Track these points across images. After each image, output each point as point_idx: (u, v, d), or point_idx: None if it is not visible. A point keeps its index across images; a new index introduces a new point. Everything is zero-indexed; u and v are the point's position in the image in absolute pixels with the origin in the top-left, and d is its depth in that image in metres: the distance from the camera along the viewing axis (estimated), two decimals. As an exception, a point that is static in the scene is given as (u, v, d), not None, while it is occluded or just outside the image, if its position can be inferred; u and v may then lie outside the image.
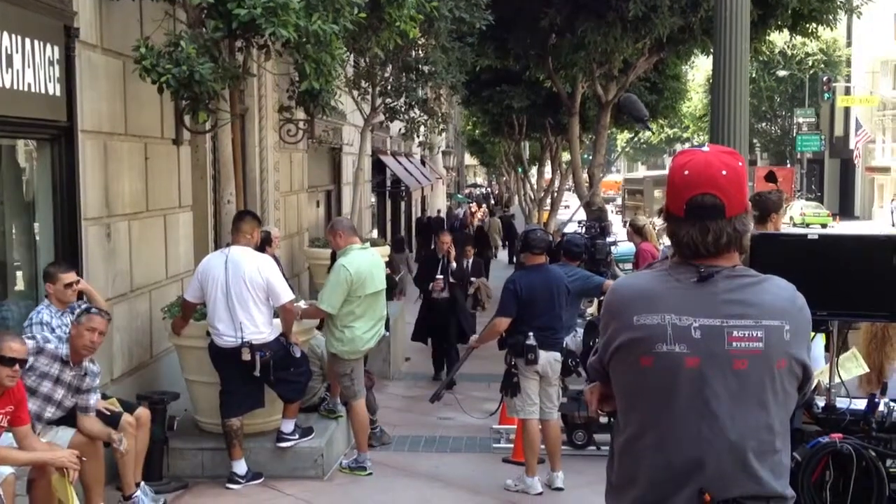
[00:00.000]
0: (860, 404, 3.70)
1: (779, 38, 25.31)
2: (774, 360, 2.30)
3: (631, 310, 2.36)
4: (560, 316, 6.82)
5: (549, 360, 6.75)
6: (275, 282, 6.41)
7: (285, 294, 6.43)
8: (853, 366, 4.02)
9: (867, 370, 4.19)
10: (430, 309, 11.20)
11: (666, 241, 9.23)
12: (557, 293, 6.79)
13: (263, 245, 7.36)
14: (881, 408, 3.65)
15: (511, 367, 6.74)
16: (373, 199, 19.67)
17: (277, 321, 6.50)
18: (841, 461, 3.48)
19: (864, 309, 3.68)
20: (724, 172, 2.33)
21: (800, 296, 2.38)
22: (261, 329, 6.37)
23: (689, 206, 2.32)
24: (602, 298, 8.63)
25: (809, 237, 3.67)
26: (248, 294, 6.31)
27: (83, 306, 5.54)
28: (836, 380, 3.74)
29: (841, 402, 3.71)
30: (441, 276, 10.95)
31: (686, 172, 2.35)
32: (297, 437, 6.77)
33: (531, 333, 6.62)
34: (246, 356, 6.30)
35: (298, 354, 6.62)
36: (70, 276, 5.64)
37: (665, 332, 2.30)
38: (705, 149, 2.42)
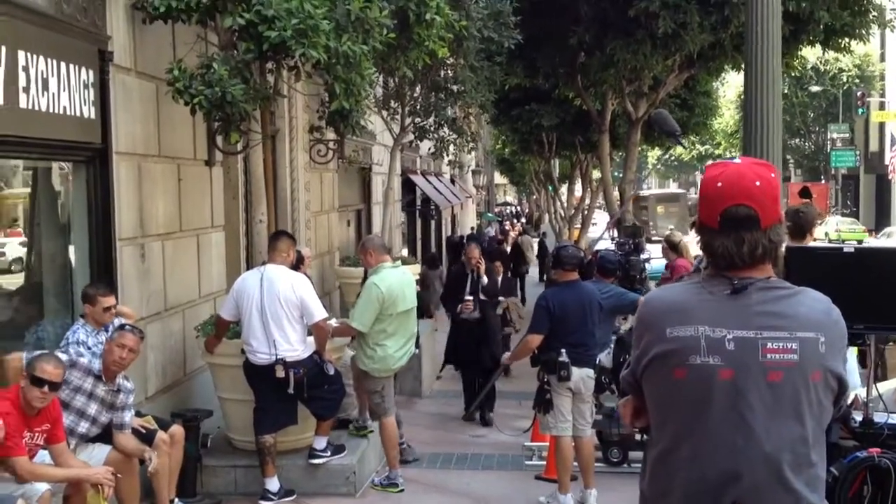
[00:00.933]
0: (898, 418, 3.65)
1: (811, 54, 25.16)
2: (809, 372, 2.28)
3: (664, 322, 2.35)
4: (592, 332, 6.78)
5: (582, 376, 6.71)
6: (308, 300, 6.46)
7: (318, 312, 6.47)
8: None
9: None
10: (459, 331, 10.12)
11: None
12: (590, 309, 6.76)
13: (297, 265, 7.41)
14: (920, 422, 3.60)
15: (544, 383, 6.72)
16: (403, 218, 19.72)
17: (311, 339, 6.53)
18: (879, 476, 3.44)
19: (901, 322, 3.63)
20: (757, 183, 2.32)
21: (835, 308, 2.36)
22: (294, 346, 6.40)
23: (723, 217, 2.31)
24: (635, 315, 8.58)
25: (845, 250, 3.64)
26: (282, 311, 6.36)
27: (118, 323, 5.60)
28: (874, 394, 3.69)
29: (879, 417, 3.67)
30: (470, 297, 9.79)
31: (719, 184, 2.34)
32: (328, 454, 6.78)
33: (563, 350, 6.59)
34: (280, 373, 6.34)
35: (332, 372, 6.65)
36: (109, 300, 5.71)
37: (699, 344, 2.29)
38: (737, 160, 2.42)
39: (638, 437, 7.32)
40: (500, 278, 11.51)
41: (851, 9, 14.06)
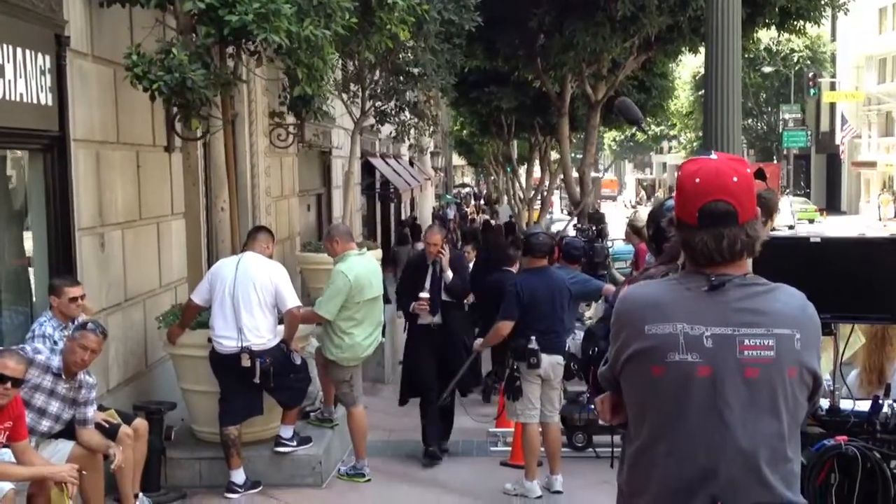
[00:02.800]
0: (864, 406, 3.70)
1: (764, 35, 25.38)
2: (785, 368, 2.30)
3: (642, 319, 2.36)
4: (562, 319, 6.82)
5: (552, 363, 6.74)
6: (283, 287, 6.48)
7: (292, 300, 6.49)
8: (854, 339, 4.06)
9: (863, 340, 4.23)
10: (417, 340, 7.82)
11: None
12: (559, 296, 6.80)
13: None
14: (885, 409, 3.66)
15: (513, 370, 6.73)
16: (362, 202, 19.61)
17: (279, 328, 6.49)
18: (846, 464, 3.49)
19: (865, 311, 3.68)
20: (735, 179, 2.34)
21: (810, 304, 2.39)
22: (262, 334, 6.36)
23: (702, 213, 2.32)
24: (599, 301, 8.63)
25: (812, 241, 3.68)
26: (254, 296, 6.33)
27: (82, 320, 5.48)
28: (840, 383, 3.75)
29: (845, 405, 3.72)
30: (426, 295, 7.53)
31: (697, 180, 2.35)
32: (295, 443, 6.74)
33: (533, 337, 6.61)
34: (245, 362, 6.29)
35: (298, 361, 6.61)
36: (76, 291, 5.61)
37: (677, 341, 2.31)
38: (713, 156, 2.43)
39: (602, 422, 7.37)
40: (471, 265, 9.98)
41: (806, -9, 14.22)
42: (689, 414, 2.31)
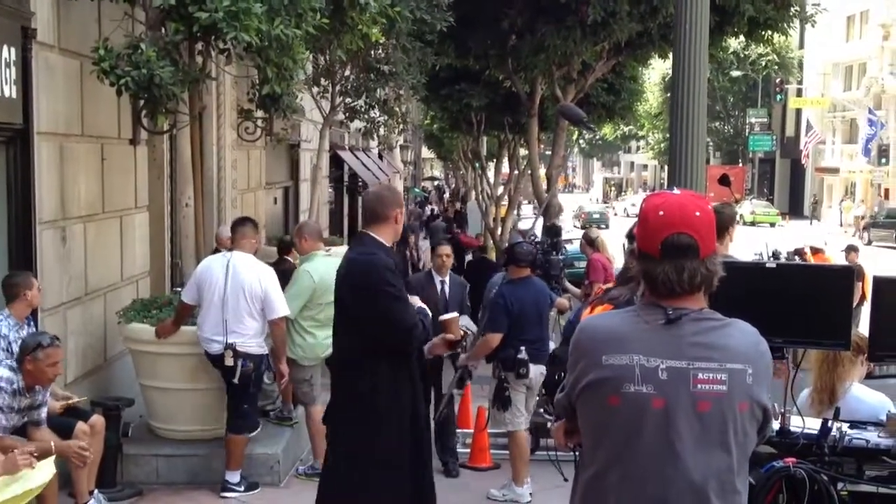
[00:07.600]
0: (813, 426, 3.78)
1: (733, 40, 25.61)
2: (737, 402, 2.36)
3: (600, 349, 2.41)
4: (547, 327, 6.87)
5: (537, 373, 6.79)
6: (273, 294, 6.40)
7: (281, 308, 6.43)
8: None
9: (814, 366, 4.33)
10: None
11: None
12: (544, 305, 6.87)
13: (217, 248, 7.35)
14: (833, 432, 3.74)
15: (502, 381, 6.73)
16: (331, 195, 19.54)
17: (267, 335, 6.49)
18: (794, 485, 3.56)
19: (819, 337, 3.75)
20: (697, 214, 2.39)
21: (762, 340, 2.44)
22: (249, 337, 6.34)
23: (664, 245, 2.37)
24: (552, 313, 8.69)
25: (767, 266, 3.74)
26: (244, 305, 6.30)
27: (33, 338, 5.33)
28: (791, 404, 3.82)
29: (795, 426, 3.79)
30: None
31: (661, 213, 2.40)
32: (242, 488, 6.49)
33: (523, 348, 6.63)
34: (229, 360, 6.24)
35: (268, 381, 6.60)
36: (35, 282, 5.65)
37: (633, 372, 2.35)
38: (676, 191, 2.49)
39: (549, 425, 7.43)
40: (446, 279, 7.75)
41: (775, 2, 14.36)
42: (642, 445, 2.36)
